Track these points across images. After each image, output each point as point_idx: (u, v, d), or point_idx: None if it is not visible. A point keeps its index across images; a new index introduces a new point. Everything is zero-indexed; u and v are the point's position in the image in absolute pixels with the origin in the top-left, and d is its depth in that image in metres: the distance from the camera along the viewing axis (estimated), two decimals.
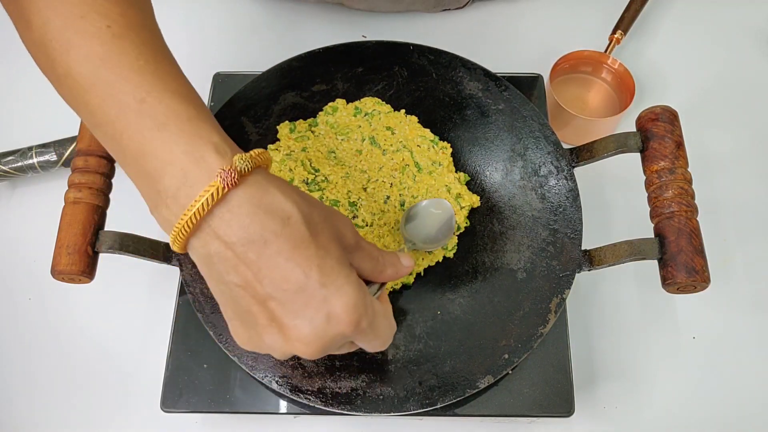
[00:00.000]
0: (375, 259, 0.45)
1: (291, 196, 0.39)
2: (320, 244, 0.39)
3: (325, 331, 0.38)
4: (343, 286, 0.39)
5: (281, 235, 0.38)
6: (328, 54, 0.70)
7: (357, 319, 0.39)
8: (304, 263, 0.38)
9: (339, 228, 0.42)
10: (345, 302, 0.38)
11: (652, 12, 0.89)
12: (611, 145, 0.59)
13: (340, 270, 0.39)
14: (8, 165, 0.73)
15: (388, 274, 0.47)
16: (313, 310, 0.38)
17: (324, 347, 0.39)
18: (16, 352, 0.69)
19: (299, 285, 0.38)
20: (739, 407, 0.66)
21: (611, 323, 0.69)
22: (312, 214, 0.40)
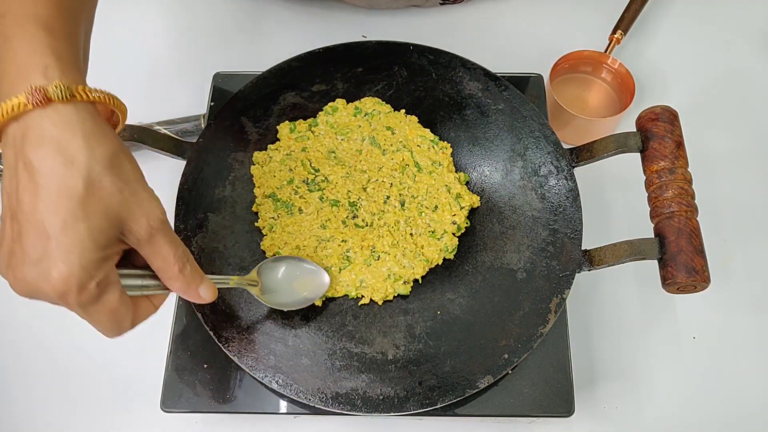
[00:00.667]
0: (165, 261, 0.44)
1: (93, 149, 0.39)
2: (86, 206, 0.39)
3: (35, 282, 0.39)
4: (71, 255, 0.38)
5: (54, 175, 0.38)
6: (328, 54, 0.70)
7: (64, 291, 0.39)
8: (57, 211, 0.38)
9: (127, 212, 0.41)
10: (63, 271, 0.38)
11: (652, 12, 0.89)
12: (611, 145, 0.59)
13: (83, 242, 0.38)
14: None
15: (174, 286, 0.46)
16: (37, 255, 0.38)
17: (29, 293, 0.40)
18: (16, 352, 0.69)
19: (41, 227, 0.38)
20: (739, 407, 0.66)
21: (611, 323, 0.69)
22: (102, 179, 0.39)
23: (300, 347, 0.57)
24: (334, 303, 0.59)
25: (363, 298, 0.59)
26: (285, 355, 0.56)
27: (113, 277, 0.42)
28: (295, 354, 0.56)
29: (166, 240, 0.44)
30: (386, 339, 0.58)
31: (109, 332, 0.43)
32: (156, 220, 0.43)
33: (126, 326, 0.44)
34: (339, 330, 0.58)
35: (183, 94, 0.82)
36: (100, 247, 0.39)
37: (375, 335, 0.58)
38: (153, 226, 0.42)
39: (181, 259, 0.45)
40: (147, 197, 0.43)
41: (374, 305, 0.59)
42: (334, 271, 0.59)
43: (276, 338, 0.57)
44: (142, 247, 0.43)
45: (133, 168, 0.43)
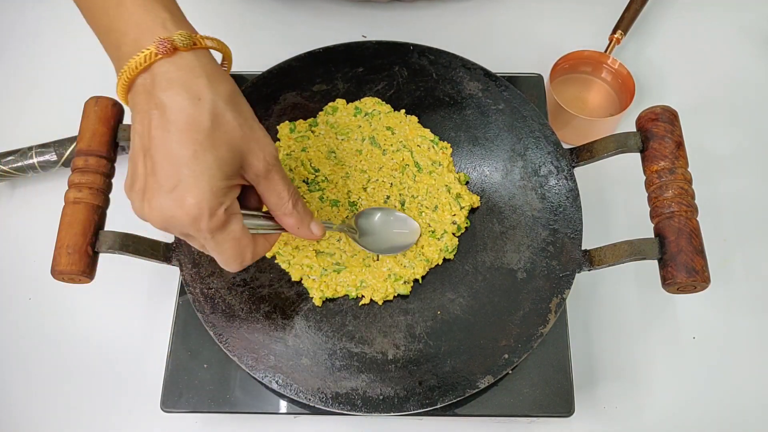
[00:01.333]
0: (280, 197, 0.47)
1: (216, 88, 0.43)
2: (213, 138, 0.42)
3: (170, 210, 0.42)
4: (202, 182, 0.41)
5: (183, 111, 0.42)
6: (328, 54, 0.70)
7: (197, 216, 0.42)
8: (187, 143, 0.41)
9: (247, 146, 0.44)
10: (196, 196, 0.41)
11: (652, 12, 0.89)
12: (611, 145, 0.59)
13: (212, 170, 0.42)
14: (8, 165, 0.73)
15: (287, 222, 0.49)
16: (171, 184, 0.41)
17: (163, 222, 0.43)
18: (16, 352, 0.69)
19: (172, 158, 0.41)
20: (739, 407, 0.66)
21: (611, 323, 0.69)
22: (225, 114, 0.43)
23: (300, 347, 0.57)
24: (334, 303, 0.59)
25: (363, 298, 0.59)
26: (285, 355, 0.56)
27: (236, 207, 0.45)
28: (295, 354, 0.56)
29: (280, 176, 0.47)
30: (386, 339, 0.58)
31: (233, 261, 0.46)
32: (271, 156, 0.46)
33: (248, 257, 0.46)
34: (339, 330, 0.58)
35: None
36: (226, 176, 0.43)
37: (375, 335, 0.58)
38: (269, 162, 0.45)
39: (294, 195, 0.48)
40: (263, 135, 0.46)
41: (374, 305, 0.59)
42: (333, 272, 0.59)
43: (276, 338, 0.57)
44: (260, 183, 0.46)
45: (248, 107, 0.46)
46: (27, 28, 0.89)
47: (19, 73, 0.86)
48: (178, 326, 0.62)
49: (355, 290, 0.59)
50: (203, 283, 0.59)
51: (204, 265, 0.60)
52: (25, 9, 0.90)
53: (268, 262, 0.60)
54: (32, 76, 0.85)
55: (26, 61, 0.87)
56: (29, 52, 0.87)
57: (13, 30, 0.89)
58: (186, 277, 0.59)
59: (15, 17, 0.90)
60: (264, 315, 0.58)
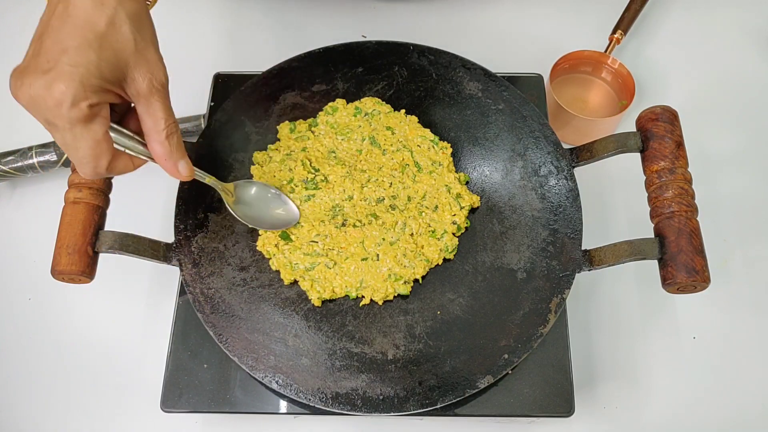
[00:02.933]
0: (156, 123, 0.48)
1: (124, 2, 0.45)
2: (101, 42, 0.44)
3: (38, 89, 0.43)
4: (75, 72, 0.43)
5: (84, 9, 0.44)
6: (328, 54, 0.70)
7: (60, 101, 0.42)
8: (75, 36, 0.43)
9: (134, 61, 0.46)
10: (64, 82, 0.42)
11: (652, 12, 0.89)
12: (611, 145, 0.59)
13: (90, 65, 0.43)
14: (8, 165, 0.73)
15: (156, 150, 0.49)
16: (48, 67, 0.43)
17: (29, 101, 0.43)
18: (16, 352, 0.69)
19: (57, 45, 0.43)
20: (739, 407, 0.66)
21: (611, 323, 0.69)
22: (122, 25, 0.45)
23: (300, 347, 0.57)
24: (334, 303, 0.59)
25: (363, 298, 0.59)
26: (285, 355, 0.56)
27: (105, 113, 0.45)
28: (295, 354, 0.56)
29: (162, 104, 0.48)
30: (386, 339, 0.58)
31: (87, 165, 0.46)
32: (158, 80, 0.47)
33: (102, 165, 0.47)
34: (339, 330, 0.58)
35: (183, 94, 0.82)
36: (103, 77, 0.44)
37: (375, 335, 0.58)
38: (154, 85, 0.47)
39: (171, 127, 0.49)
40: (156, 59, 0.47)
41: (374, 305, 0.59)
42: (332, 271, 0.59)
43: (276, 338, 0.57)
44: (139, 102, 0.47)
45: (151, 31, 0.48)
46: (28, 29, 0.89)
47: None
48: (178, 326, 0.62)
49: (355, 290, 0.59)
50: (203, 283, 0.59)
51: (204, 265, 0.60)
52: (26, 9, 0.90)
53: (268, 263, 0.60)
54: None
55: None
56: None
57: (14, 30, 0.89)
58: (186, 277, 0.59)
59: (16, 17, 0.90)
60: (264, 315, 0.58)
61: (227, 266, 0.60)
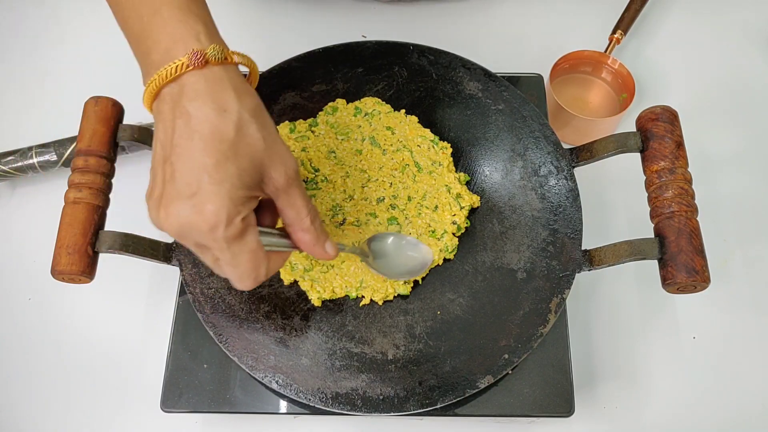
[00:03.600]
0: (299, 213, 0.47)
1: (242, 101, 0.44)
2: (236, 149, 0.42)
3: (187, 216, 0.41)
4: (223, 191, 0.41)
5: (209, 121, 0.42)
6: (328, 54, 0.70)
7: (215, 223, 0.41)
8: (210, 152, 0.42)
9: (269, 159, 0.44)
10: (215, 203, 0.41)
11: (652, 12, 0.89)
12: (611, 145, 0.59)
13: (233, 181, 0.42)
14: (8, 165, 0.73)
15: (303, 238, 0.48)
16: (191, 191, 0.41)
17: (179, 228, 0.42)
18: (16, 352, 0.69)
19: (193, 165, 0.42)
20: (739, 407, 0.66)
21: (611, 323, 0.69)
22: (249, 126, 0.43)
23: (300, 347, 0.57)
24: (334, 303, 0.59)
25: (363, 298, 0.59)
26: (285, 355, 0.56)
27: (254, 219, 0.44)
28: (295, 354, 0.56)
29: (300, 192, 0.47)
30: (386, 339, 0.58)
31: (248, 276, 0.45)
32: (292, 171, 0.46)
33: (262, 273, 0.46)
34: (339, 330, 0.58)
35: None
36: (246, 186, 0.43)
37: (375, 335, 0.58)
38: (290, 176, 0.45)
39: (313, 211, 0.48)
40: (285, 149, 0.46)
41: (374, 305, 0.59)
42: (333, 271, 0.59)
43: (276, 338, 0.57)
44: (279, 197, 0.46)
45: (272, 122, 0.46)
46: (28, 29, 0.89)
47: (19, 73, 0.86)
48: (178, 326, 0.62)
49: (355, 290, 0.59)
50: (203, 283, 0.59)
51: (204, 265, 0.59)
52: (27, 10, 0.90)
53: None
54: (32, 76, 0.85)
55: (27, 62, 0.87)
56: (30, 52, 0.87)
57: (14, 30, 0.89)
58: (186, 277, 0.59)
59: (16, 18, 0.90)
60: (264, 315, 0.58)
61: None
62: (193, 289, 0.58)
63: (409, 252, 0.60)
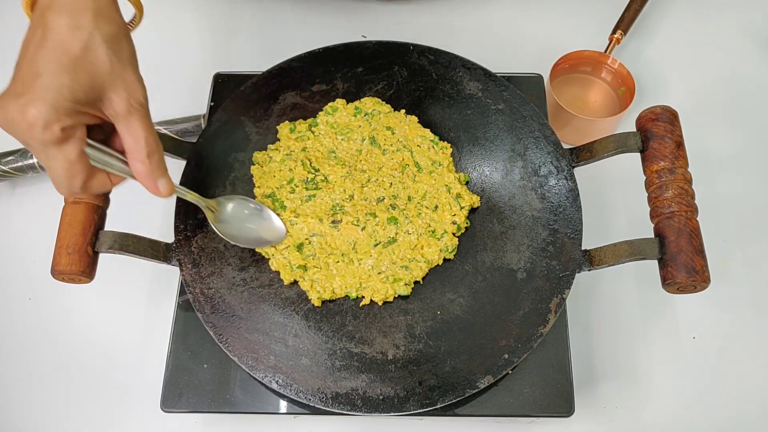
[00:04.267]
0: (137, 142, 0.48)
1: (98, 24, 0.46)
2: (76, 65, 0.45)
3: (12, 113, 0.44)
4: (47, 95, 0.43)
5: (60, 34, 0.45)
6: (328, 54, 0.70)
7: (32, 124, 0.43)
8: (50, 61, 0.44)
9: (111, 82, 0.46)
10: (36, 106, 0.43)
11: (652, 12, 0.89)
12: (611, 145, 0.59)
13: (62, 91, 0.44)
14: (8, 165, 0.73)
15: (136, 168, 0.49)
16: (22, 91, 0.44)
17: (5, 124, 0.45)
18: (16, 352, 0.69)
19: (32, 70, 0.44)
20: (739, 407, 0.66)
21: (611, 323, 0.69)
22: (98, 48, 0.46)
23: (300, 347, 0.57)
24: (334, 303, 0.59)
25: (363, 298, 0.59)
26: (285, 355, 0.56)
27: (80, 134, 0.46)
28: (295, 354, 0.56)
29: (142, 123, 0.48)
30: (386, 339, 0.58)
31: (61, 184, 0.47)
32: (136, 100, 0.48)
33: (76, 185, 0.47)
34: (339, 330, 0.58)
35: (183, 94, 0.82)
36: (76, 100, 0.45)
37: (375, 335, 0.58)
38: (132, 105, 0.47)
39: (151, 145, 0.49)
40: (134, 78, 0.48)
41: (374, 305, 0.59)
42: (331, 271, 0.59)
43: (276, 338, 0.57)
44: (119, 122, 0.48)
45: (130, 51, 0.48)
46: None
47: None
48: (178, 326, 0.62)
49: (355, 291, 0.59)
50: (203, 283, 0.59)
51: (204, 265, 0.60)
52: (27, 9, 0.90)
53: (267, 263, 0.60)
54: None
55: None
56: None
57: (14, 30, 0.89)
58: (186, 277, 0.59)
59: (16, 18, 0.90)
60: (264, 315, 0.58)
61: (227, 266, 0.60)
62: (193, 289, 0.58)
63: (257, 223, 0.61)
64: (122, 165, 0.50)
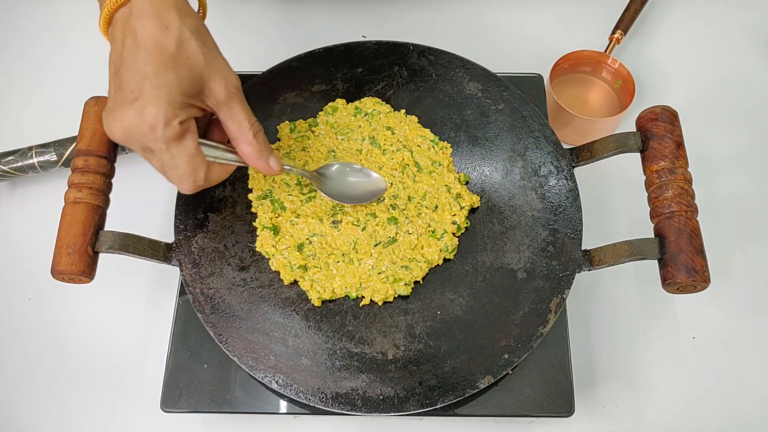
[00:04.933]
0: (241, 126, 0.50)
1: (183, 20, 0.48)
2: (176, 61, 0.46)
3: (130, 119, 0.46)
4: (161, 94, 0.45)
5: (152, 36, 0.46)
6: (328, 54, 0.70)
7: (153, 123, 0.45)
8: (152, 62, 0.46)
9: (208, 73, 0.48)
10: (154, 105, 0.45)
11: (652, 12, 0.89)
12: (611, 145, 0.59)
13: (171, 86, 0.46)
14: (8, 165, 0.73)
15: (246, 151, 0.52)
16: (134, 97, 0.46)
17: (124, 132, 0.46)
18: (16, 352, 0.69)
19: (136, 74, 0.46)
20: (739, 407, 0.66)
21: (611, 323, 0.69)
22: (190, 42, 0.47)
23: (300, 347, 0.57)
24: (334, 303, 0.59)
25: (363, 298, 0.59)
26: (285, 355, 0.56)
27: (193, 127, 0.48)
28: (295, 354, 0.56)
29: (242, 106, 0.50)
30: (386, 339, 0.58)
31: (187, 178, 0.49)
32: (233, 85, 0.50)
33: (200, 177, 0.50)
34: (339, 330, 0.58)
35: None
36: (185, 92, 0.47)
37: (375, 335, 0.58)
38: (230, 90, 0.49)
39: (255, 125, 0.51)
40: (225, 65, 0.50)
41: (374, 305, 0.59)
42: (331, 271, 0.59)
43: (276, 338, 0.57)
44: (221, 109, 0.50)
45: (213, 41, 0.51)
46: (28, 29, 0.89)
47: (19, 73, 0.86)
48: (178, 326, 0.62)
49: (355, 291, 0.59)
50: (203, 283, 0.59)
51: (204, 265, 0.60)
52: (27, 10, 0.90)
53: (268, 263, 0.60)
54: (32, 76, 0.85)
55: (27, 62, 0.87)
56: (30, 52, 0.87)
57: (14, 30, 0.89)
58: (186, 277, 0.59)
59: (16, 18, 0.90)
60: (264, 315, 0.58)
61: (227, 266, 0.60)
62: (193, 289, 0.58)
63: (352, 178, 0.62)
64: (230, 154, 0.52)
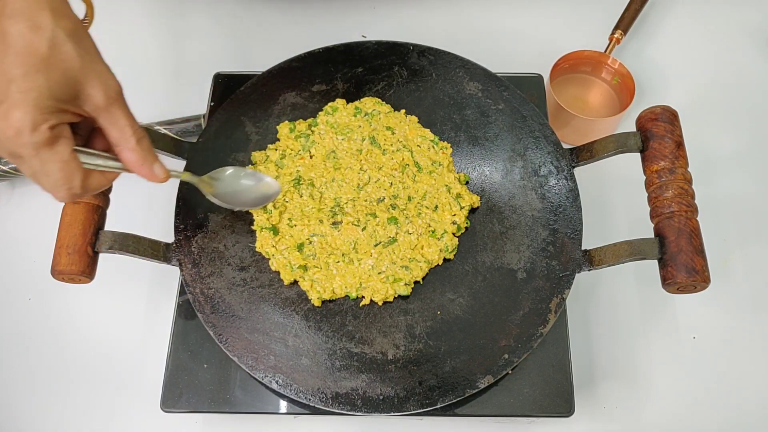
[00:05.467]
0: (122, 132, 0.48)
1: (58, 21, 0.44)
2: (47, 64, 0.43)
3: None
4: (28, 97, 0.42)
5: (22, 37, 0.43)
6: (328, 54, 0.70)
7: (20, 129, 0.42)
8: (20, 64, 0.43)
9: (85, 77, 0.45)
10: (20, 109, 0.42)
11: (652, 12, 0.89)
12: (611, 145, 0.59)
13: (41, 89, 0.43)
14: (8, 165, 0.73)
15: (129, 158, 0.49)
16: (1, 99, 0.43)
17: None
18: (16, 352, 0.69)
19: (4, 77, 0.43)
20: (738, 407, 0.66)
21: (611, 323, 0.69)
22: (64, 44, 0.44)
23: (300, 347, 0.57)
24: (334, 303, 0.59)
25: (363, 298, 0.59)
26: (285, 355, 0.56)
27: (66, 133, 0.45)
28: (295, 354, 0.56)
29: (123, 112, 0.48)
30: (386, 339, 0.58)
31: (60, 186, 0.46)
32: (113, 90, 0.47)
33: (76, 186, 0.46)
34: (339, 330, 0.58)
35: (183, 94, 0.82)
36: (56, 97, 0.44)
37: (375, 335, 0.58)
38: (110, 96, 0.46)
39: (139, 131, 0.49)
40: (105, 69, 0.47)
41: (374, 305, 0.59)
42: (331, 271, 0.59)
43: (276, 338, 0.57)
44: (100, 115, 0.47)
45: (93, 44, 0.47)
46: None
47: None
48: (178, 326, 0.62)
49: (355, 291, 0.59)
50: (203, 283, 0.59)
51: (204, 265, 0.60)
52: None
53: (268, 263, 0.60)
54: None
55: None
56: None
57: None
58: (186, 277, 0.59)
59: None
60: (264, 315, 0.58)
61: (227, 266, 0.60)
62: (193, 289, 0.58)
63: (246, 181, 0.61)
64: (113, 162, 0.49)
